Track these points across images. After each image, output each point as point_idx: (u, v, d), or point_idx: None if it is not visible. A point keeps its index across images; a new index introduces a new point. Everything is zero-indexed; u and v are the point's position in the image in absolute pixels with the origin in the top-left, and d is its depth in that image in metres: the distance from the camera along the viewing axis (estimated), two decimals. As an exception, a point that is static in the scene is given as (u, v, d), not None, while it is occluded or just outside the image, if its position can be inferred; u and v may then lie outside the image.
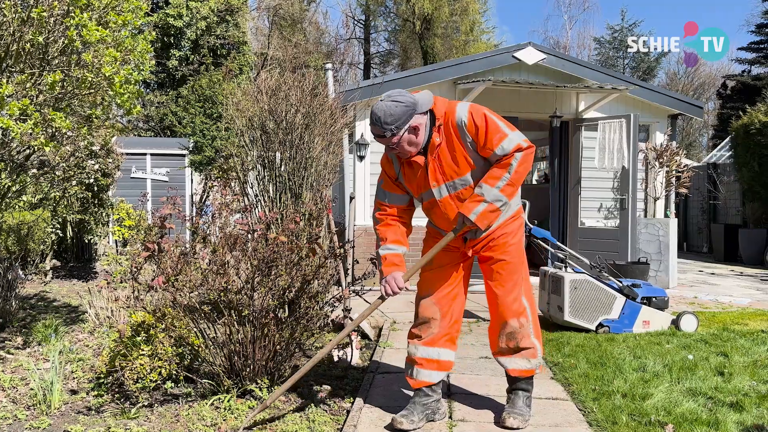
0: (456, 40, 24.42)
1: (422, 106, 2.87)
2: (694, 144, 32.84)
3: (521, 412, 3.06)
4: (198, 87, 12.65)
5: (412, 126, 2.84)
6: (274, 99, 5.11)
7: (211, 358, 3.41)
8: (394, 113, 2.80)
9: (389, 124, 2.80)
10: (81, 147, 4.93)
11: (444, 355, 3.09)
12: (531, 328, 3.06)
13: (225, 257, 3.27)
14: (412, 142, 2.88)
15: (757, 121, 11.39)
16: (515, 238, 3.04)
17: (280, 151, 5.09)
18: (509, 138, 2.80)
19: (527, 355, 3.07)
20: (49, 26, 3.70)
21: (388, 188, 3.11)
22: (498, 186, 2.81)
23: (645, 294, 5.27)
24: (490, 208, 2.83)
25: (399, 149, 2.91)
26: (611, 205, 8.54)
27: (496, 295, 3.05)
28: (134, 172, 11.72)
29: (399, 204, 3.10)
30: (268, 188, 5.14)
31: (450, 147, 2.88)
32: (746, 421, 3.12)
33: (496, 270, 3.03)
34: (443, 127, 2.88)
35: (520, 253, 3.06)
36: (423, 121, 2.88)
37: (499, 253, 3.01)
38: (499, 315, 3.06)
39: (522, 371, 3.09)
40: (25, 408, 3.27)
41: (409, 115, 2.82)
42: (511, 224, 3.04)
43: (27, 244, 7.39)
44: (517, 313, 3.02)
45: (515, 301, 3.02)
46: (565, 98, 8.55)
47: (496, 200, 2.82)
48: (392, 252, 3.02)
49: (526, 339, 3.04)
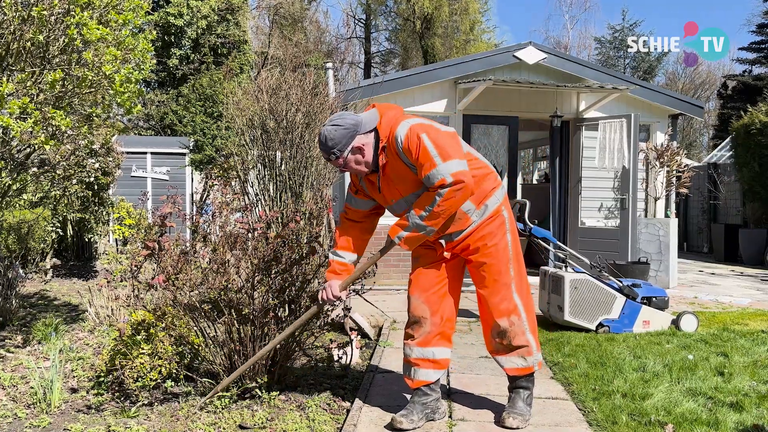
0: (456, 39, 24.41)
1: (365, 126, 2.90)
2: (695, 144, 32.84)
3: (521, 411, 3.05)
4: (198, 86, 12.64)
5: (354, 147, 2.88)
6: (274, 98, 5.11)
7: (211, 357, 3.41)
8: (334, 137, 2.85)
9: (331, 147, 2.87)
10: (81, 146, 4.93)
11: (439, 353, 3.08)
12: (525, 325, 3.04)
13: (225, 256, 3.27)
14: (359, 161, 2.92)
15: (757, 121, 11.39)
16: (495, 238, 2.99)
17: (280, 150, 5.09)
18: (437, 169, 2.73)
19: (522, 353, 3.05)
20: (49, 25, 3.70)
21: (355, 194, 3.16)
22: (421, 216, 2.80)
23: (645, 294, 5.27)
24: (414, 235, 2.85)
25: (348, 169, 2.96)
26: (611, 204, 8.54)
27: (481, 296, 3.06)
28: (134, 170, 11.72)
29: (362, 208, 3.14)
30: (268, 187, 5.14)
31: (394, 167, 2.89)
32: (746, 421, 3.12)
33: (480, 272, 3.03)
34: (387, 148, 2.89)
35: (504, 252, 3.01)
36: (368, 140, 2.90)
37: (480, 256, 3.00)
38: (488, 315, 3.06)
39: (519, 369, 3.08)
40: (25, 406, 3.27)
41: (350, 137, 2.86)
42: (489, 226, 2.99)
43: (27, 242, 7.39)
44: (506, 312, 3.00)
45: (503, 300, 3.00)
46: (565, 98, 8.55)
47: (419, 228, 2.82)
48: (337, 259, 3.06)
49: (519, 336, 3.02)
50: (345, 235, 3.11)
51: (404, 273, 7.97)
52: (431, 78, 8.00)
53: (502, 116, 8.37)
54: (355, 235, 3.11)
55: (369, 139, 2.91)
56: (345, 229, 3.13)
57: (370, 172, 2.97)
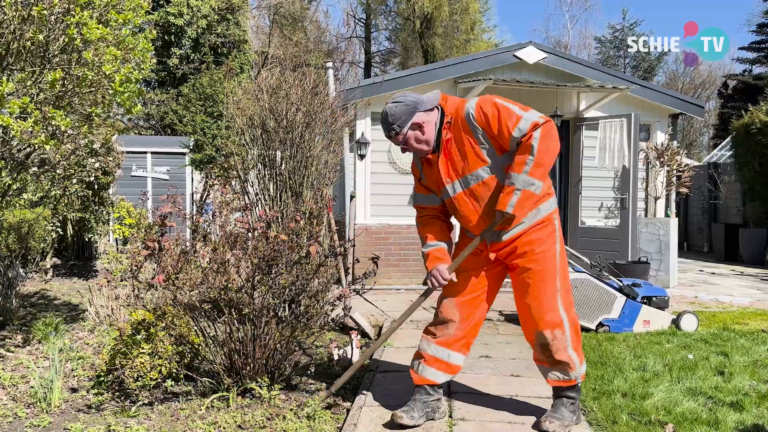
0: (456, 39, 24.39)
1: (426, 104, 2.93)
2: (695, 143, 32.84)
3: (561, 416, 2.97)
4: (199, 85, 12.63)
5: (414, 123, 2.90)
6: (274, 98, 5.10)
7: (212, 357, 3.41)
8: (394, 113, 2.91)
9: (391, 123, 2.91)
10: (81, 145, 4.93)
11: (454, 358, 3.07)
12: (568, 341, 2.93)
13: (225, 256, 3.27)
14: (420, 139, 2.93)
15: (757, 120, 11.38)
16: (543, 245, 2.91)
17: (280, 149, 5.08)
18: (524, 118, 2.75)
19: (564, 368, 2.96)
20: (49, 24, 3.70)
21: (419, 190, 3.17)
22: (525, 170, 2.73)
23: (645, 293, 5.27)
24: (525, 195, 2.75)
25: (409, 147, 2.97)
26: (612, 204, 8.54)
27: (527, 305, 2.95)
28: (135, 170, 11.72)
29: (432, 204, 3.12)
30: (268, 187, 5.14)
31: (459, 142, 2.88)
32: (746, 421, 3.12)
33: (524, 279, 2.94)
34: (452, 123, 2.90)
35: (551, 261, 2.92)
36: (429, 119, 2.92)
37: (526, 262, 2.92)
38: (531, 324, 2.97)
39: (560, 382, 3.00)
40: (25, 406, 3.27)
41: (410, 113, 2.89)
42: (539, 231, 2.92)
43: (27, 242, 7.39)
44: (551, 324, 2.91)
45: (548, 311, 2.91)
46: (566, 97, 8.55)
47: (528, 185, 2.74)
48: (434, 247, 3.04)
49: (561, 352, 2.93)
50: (429, 228, 3.09)
51: (404, 273, 7.98)
52: (431, 77, 7.99)
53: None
54: (439, 227, 3.11)
55: (430, 117, 2.93)
56: (425, 225, 3.12)
57: (430, 152, 2.96)
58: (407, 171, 8.11)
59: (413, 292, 7.30)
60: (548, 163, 2.76)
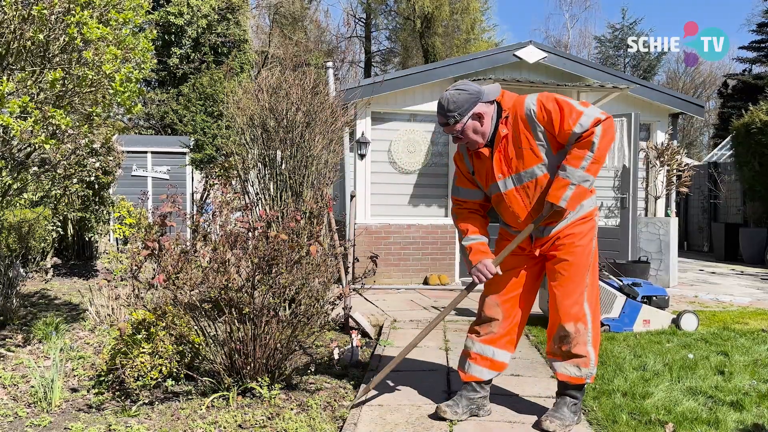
0: (457, 38, 24.40)
1: (488, 96, 2.90)
2: (695, 143, 32.84)
3: (562, 416, 2.96)
4: (199, 85, 12.64)
5: (475, 113, 2.86)
6: (274, 97, 5.11)
7: (212, 356, 3.41)
8: (456, 101, 2.86)
9: (452, 111, 2.86)
10: (82, 145, 4.93)
11: (499, 355, 3.09)
12: (589, 336, 2.94)
13: (225, 255, 3.27)
14: (477, 131, 2.89)
15: (758, 120, 11.38)
16: (583, 239, 2.92)
17: (280, 149, 5.08)
18: (585, 114, 2.74)
19: (579, 362, 2.96)
20: (49, 24, 3.70)
21: (462, 184, 3.13)
22: (583, 166, 2.73)
23: (645, 293, 5.27)
24: (579, 191, 2.75)
25: (464, 138, 2.93)
26: (612, 203, 8.54)
27: (555, 295, 2.97)
28: (135, 170, 11.72)
29: (473, 198, 3.10)
30: (268, 186, 5.14)
31: (516, 138, 2.86)
32: (746, 420, 3.12)
33: (558, 270, 2.95)
34: (510, 118, 2.87)
35: (587, 257, 2.94)
36: (488, 110, 2.90)
37: (563, 253, 2.93)
38: (556, 316, 2.97)
39: (570, 378, 2.99)
40: (25, 405, 3.27)
41: (472, 102, 2.85)
42: (581, 225, 2.93)
43: (28, 242, 7.39)
44: (575, 317, 2.92)
45: (575, 304, 2.92)
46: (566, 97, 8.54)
47: (584, 181, 2.75)
48: (477, 241, 3.02)
49: (580, 346, 2.94)
50: (469, 223, 3.07)
51: (404, 272, 7.98)
52: (432, 77, 8.00)
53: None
54: (480, 221, 3.08)
55: (490, 109, 2.90)
56: (465, 219, 3.09)
57: (483, 145, 2.92)
58: (407, 171, 8.11)
59: (413, 292, 7.30)
60: (603, 160, 2.78)
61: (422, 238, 7.89)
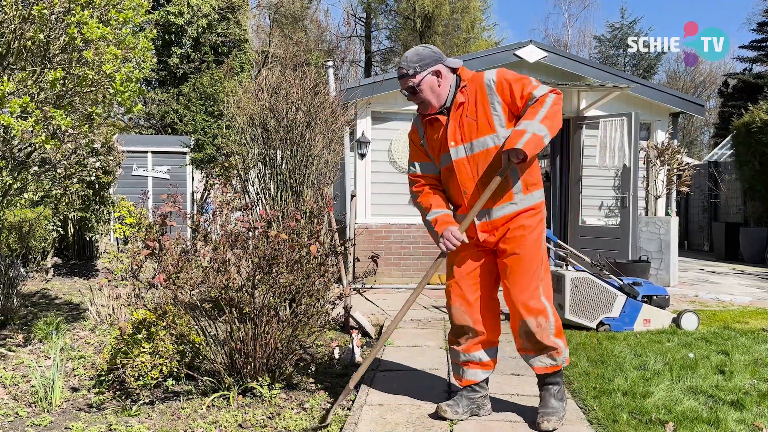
0: (457, 37, 24.41)
1: (450, 63, 2.97)
2: (695, 142, 32.84)
3: (554, 410, 2.98)
4: (199, 85, 12.65)
5: (435, 70, 2.91)
6: (275, 97, 5.11)
7: (212, 356, 3.41)
8: (420, 53, 2.93)
9: (414, 62, 2.91)
10: (82, 145, 4.93)
11: (486, 355, 3.10)
12: (552, 328, 2.97)
13: (226, 255, 3.27)
14: (434, 89, 2.93)
15: (758, 119, 11.38)
16: (534, 233, 2.95)
17: (281, 148, 5.09)
18: (541, 87, 2.87)
19: (552, 354, 3.00)
20: (50, 23, 3.70)
21: (417, 158, 3.12)
22: (538, 118, 2.76)
23: (646, 292, 5.27)
24: (536, 138, 2.75)
25: (420, 95, 2.93)
26: (612, 203, 8.54)
27: (510, 291, 2.96)
28: (135, 169, 11.73)
29: (432, 173, 3.09)
30: (269, 186, 5.14)
31: (472, 108, 2.90)
32: (747, 420, 3.12)
33: (510, 264, 2.94)
34: (469, 88, 2.92)
35: (537, 250, 2.96)
36: (448, 75, 2.95)
37: (514, 247, 2.93)
38: (516, 312, 2.97)
39: (547, 368, 3.02)
40: (26, 405, 3.28)
41: (434, 60, 2.92)
42: (530, 218, 2.96)
43: (28, 241, 7.40)
44: (536, 311, 2.93)
45: (531, 298, 2.93)
46: (566, 96, 8.53)
47: (539, 131, 2.76)
48: (442, 213, 3.00)
49: (546, 339, 2.96)
50: (432, 198, 3.05)
51: (404, 272, 7.98)
52: (432, 76, 7.98)
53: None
54: (442, 197, 3.07)
55: (450, 75, 2.96)
56: (426, 195, 3.07)
57: (437, 110, 2.95)
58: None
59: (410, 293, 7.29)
60: (557, 122, 2.81)
61: (423, 237, 7.88)
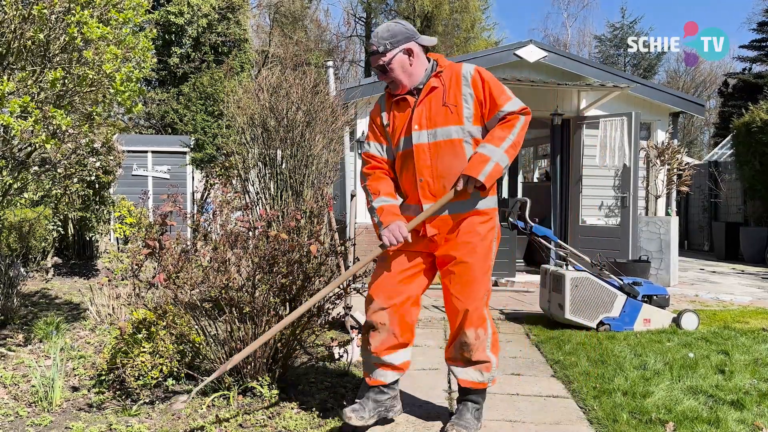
0: (457, 37, 24.41)
1: (423, 41, 2.86)
2: (696, 142, 32.84)
3: (467, 424, 2.85)
4: (199, 84, 12.64)
5: (407, 48, 2.80)
6: (275, 96, 5.11)
7: (213, 356, 3.41)
8: (392, 29, 2.81)
9: (386, 38, 2.79)
10: (82, 144, 4.93)
11: (398, 358, 2.90)
12: (489, 342, 2.87)
13: (226, 255, 3.27)
14: (406, 69, 2.80)
15: (758, 119, 11.38)
16: (484, 241, 2.82)
17: (281, 148, 5.09)
18: (515, 100, 2.80)
19: (481, 368, 2.89)
20: (50, 23, 3.70)
21: (375, 139, 2.97)
22: (503, 147, 2.71)
23: (646, 292, 5.27)
24: (496, 169, 2.70)
25: (391, 73, 2.80)
26: (612, 203, 8.54)
27: (456, 300, 2.83)
28: (135, 169, 11.73)
29: (387, 157, 2.95)
30: (269, 186, 5.14)
31: (445, 94, 2.79)
32: (747, 419, 3.12)
33: (458, 273, 2.80)
34: (444, 74, 2.83)
35: (487, 260, 2.83)
36: (420, 54, 2.84)
37: (464, 255, 2.79)
38: (458, 322, 2.85)
39: (473, 383, 2.90)
40: (26, 405, 3.28)
41: (406, 37, 2.81)
42: (481, 225, 2.83)
43: (28, 241, 7.40)
44: (477, 323, 2.81)
45: (476, 310, 2.80)
46: (566, 96, 8.54)
47: (501, 160, 2.71)
48: (389, 203, 2.85)
49: (480, 352, 2.85)
50: (382, 184, 2.90)
51: (405, 271, 7.97)
52: (432, 76, 7.98)
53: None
54: (391, 186, 2.93)
55: (422, 55, 2.86)
56: (376, 180, 2.92)
57: (407, 91, 2.84)
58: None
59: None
60: (518, 149, 2.80)
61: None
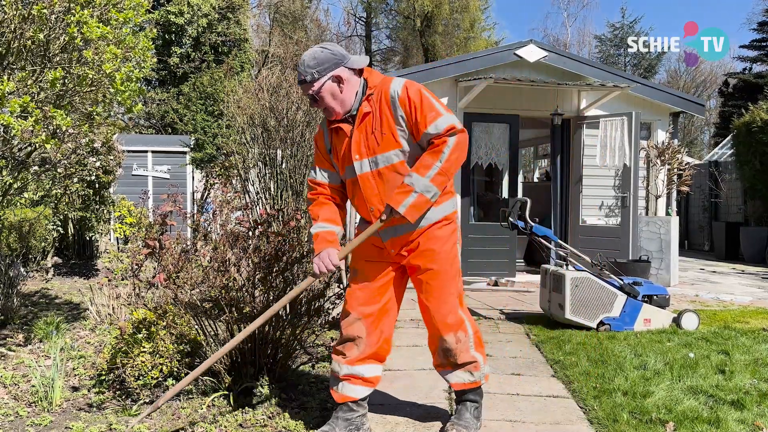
0: (457, 37, 24.41)
1: (353, 63, 2.72)
2: (696, 142, 32.84)
3: (467, 424, 2.86)
4: (199, 84, 12.65)
5: (335, 75, 2.67)
6: (275, 96, 5.11)
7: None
8: (317, 57, 2.67)
9: (311, 67, 2.66)
10: (82, 144, 4.93)
11: (370, 371, 2.86)
12: (471, 342, 2.86)
13: (226, 254, 3.27)
14: (336, 96, 2.69)
15: (758, 119, 11.38)
16: (446, 245, 2.78)
17: (281, 148, 5.09)
18: (443, 117, 2.62)
19: (470, 368, 2.88)
20: (50, 23, 3.70)
21: (320, 164, 2.90)
22: (429, 175, 2.59)
23: (646, 292, 5.27)
24: (421, 200, 2.60)
25: (321, 102, 2.71)
26: (612, 203, 8.54)
27: (428, 308, 2.82)
28: (135, 169, 11.73)
29: (332, 182, 2.89)
30: (269, 185, 5.15)
31: (378, 119, 2.68)
32: (747, 419, 3.12)
33: (425, 281, 2.79)
34: (375, 97, 2.69)
35: (452, 262, 2.81)
36: (351, 78, 2.71)
37: (427, 262, 2.77)
38: (435, 329, 2.84)
39: (465, 384, 2.90)
40: (26, 405, 3.28)
41: (334, 63, 2.67)
42: (441, 230, 2.78)
43: (28, 241, 7.40)
44: (454, 327, 2.81)
45: (450, 313, 2.79)
46: (566, 96, 8.54)
47: (426, 191, 2.60)
48: (325, 229, 2.79)
49: (464, 353, 2.84)
50: (321, 210, 2.85)
51: (405, 271, 7.98)
52: (432, 76, 7.99)
53: (503, 114, 8.36)
54: (334, 210, 2.88)
55: (353, 78, 2.72)
56: (318, 205, 2.87)
57: (341, 119, 2.74)
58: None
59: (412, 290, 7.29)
60: (452, 172, 2.67)
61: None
